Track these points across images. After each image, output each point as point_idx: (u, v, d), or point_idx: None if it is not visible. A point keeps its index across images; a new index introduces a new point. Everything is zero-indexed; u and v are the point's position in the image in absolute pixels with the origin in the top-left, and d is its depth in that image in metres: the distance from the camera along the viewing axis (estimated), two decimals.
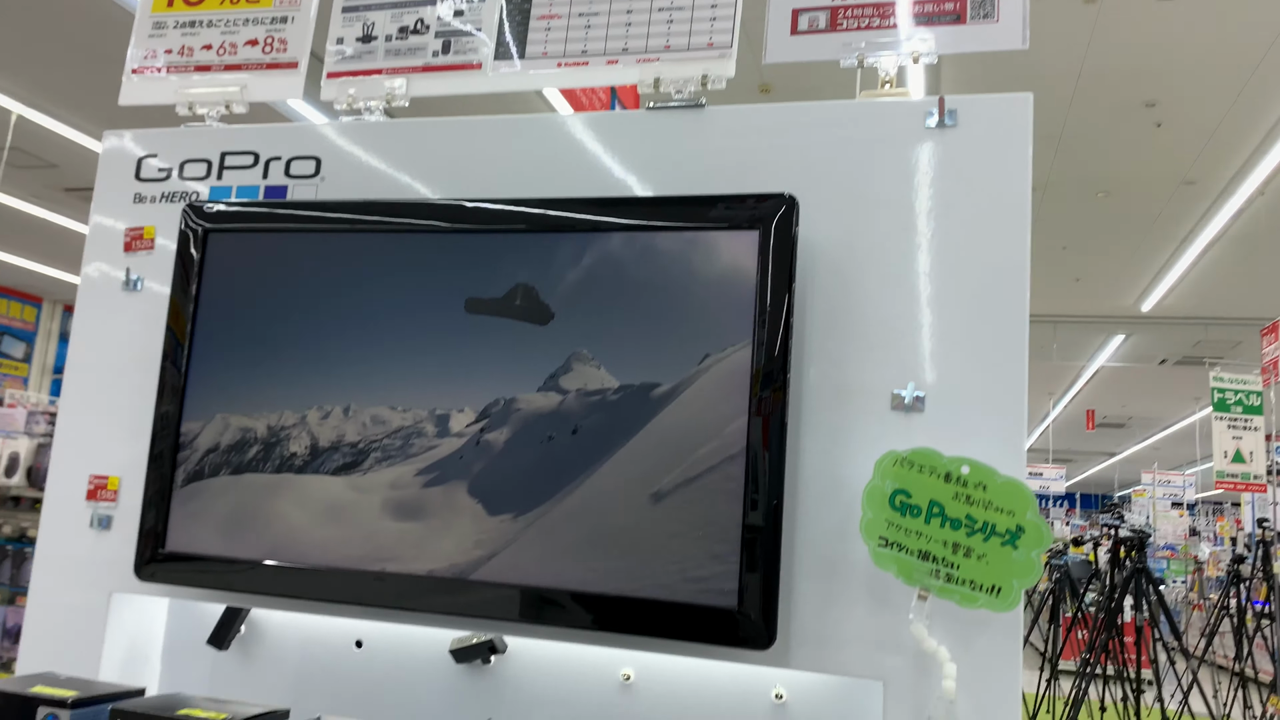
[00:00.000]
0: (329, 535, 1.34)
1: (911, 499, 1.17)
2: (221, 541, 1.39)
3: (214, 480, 1.40)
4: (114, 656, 1.53)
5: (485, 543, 1.28)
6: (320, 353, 1.39)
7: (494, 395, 1.31)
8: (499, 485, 1.29)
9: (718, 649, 1.25)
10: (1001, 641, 1.19)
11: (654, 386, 1.26)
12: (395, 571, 1.33)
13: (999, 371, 1.25)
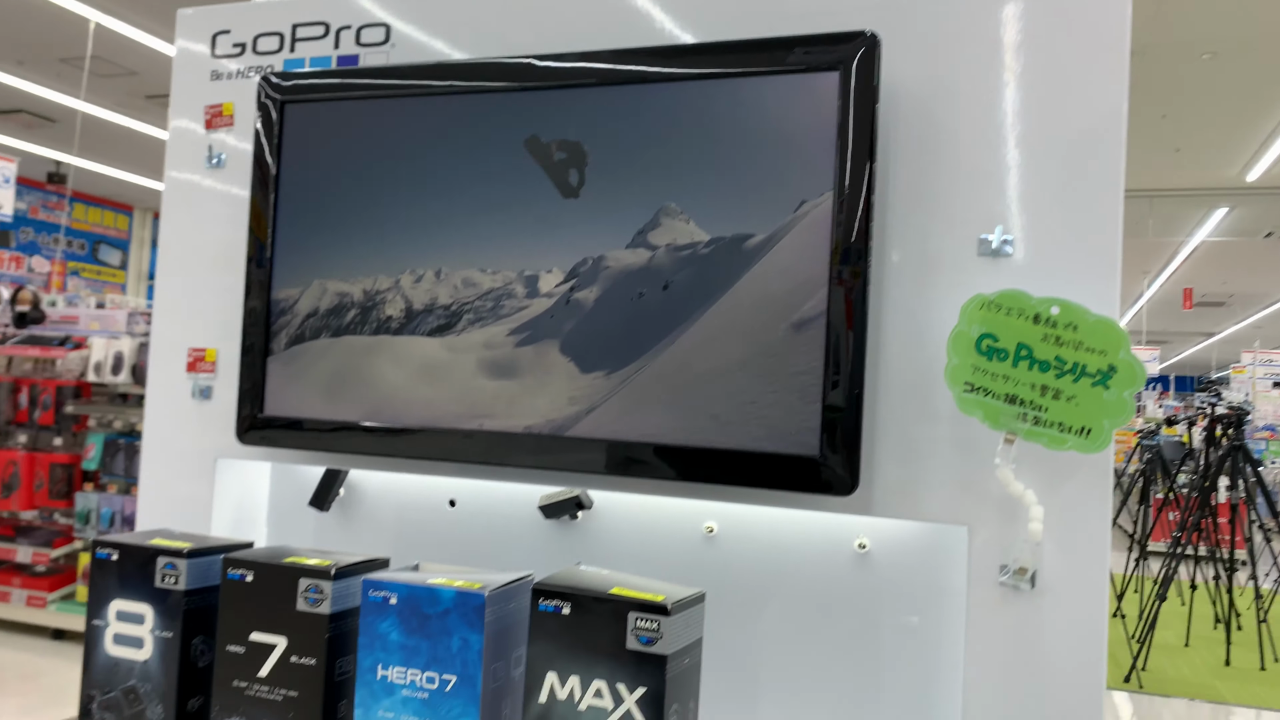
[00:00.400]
0: (425, 394, 1.38)
1: (998, 343, 1.14)
2: (320, 404, 1.44)
3: (314, 343, 1.44)
4: (222, 519, 1.62)
5: (579, 399, 1.30)
6: (408, 217, 1.41)
7: (582, 254, 1.32)
8: (590, 343, 1.31)
9: (802, 497, 1.26)
10: (1090, 484, 1.17)
11: (747, 238, 1.24)
12: (488, 429, 1.36)
13: (1091, 214, 1.20)
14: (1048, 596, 1.18)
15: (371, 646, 1.15)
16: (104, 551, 1.30)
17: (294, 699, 1.19)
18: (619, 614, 1.07)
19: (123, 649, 1.28)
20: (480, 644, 1.11)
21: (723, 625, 1.41)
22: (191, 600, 1.26)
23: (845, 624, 1.36)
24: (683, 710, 1.09)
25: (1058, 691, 1.18)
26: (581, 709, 1.07)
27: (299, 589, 1.20)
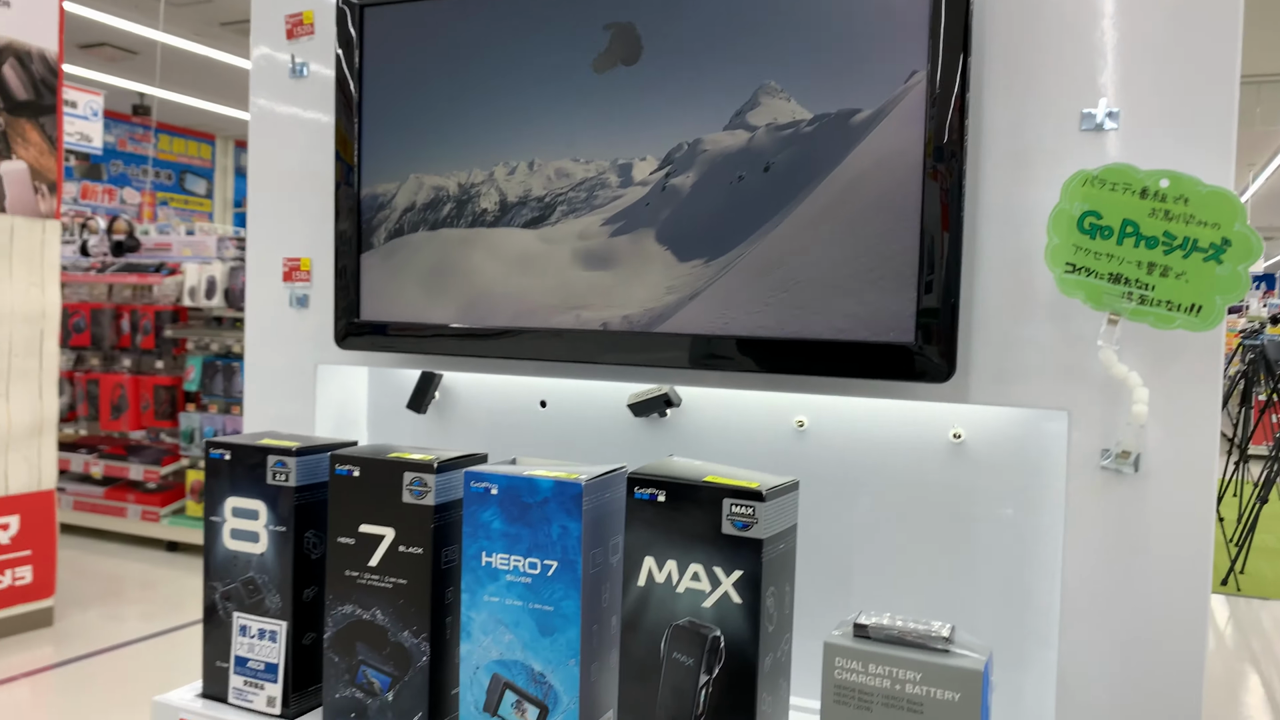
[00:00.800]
0: (520, 286, 1.39)
1: (1102, 220, 1.10)
2: (416, 303, 1.47)
3: (412, 236, 1.46)
4: (325, 423, 1.68)
5: (677, 288, 1.30)
6: (499, 109, 1.40)
7: (676, 140, 1.30)
8: (688, 230, 1.29)
9: (899, 386, 1.25)
10: (1199, 365, 1.13)
11: (853, 113, 1.20)
12: (579, 328, 1.38)
13: (1203, 78, 1.14)
14: (1152, 481, 1.15)
15: (475, 535, 1.19)
16: (217, 452, 1.36)
17: (404, 586, 1.24)
18: (714, 500, 1.08)
19: (240, 543, 1.34)
20: (579, 531, 1.14)
21: (815, 518, 1.42)
22: (302, 496, 1.32)
23: (940, 515, 1.35)
24: (779, 593, 1.11)
25: (1162, 579, 1.16)
26: (679, 591, 1.10)
27: (404, 482, 1.24)
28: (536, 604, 1.16)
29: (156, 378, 6.43)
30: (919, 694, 0.99)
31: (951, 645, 1.01)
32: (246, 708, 1.33)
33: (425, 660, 1.23)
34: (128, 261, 6.64)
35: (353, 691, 1.27)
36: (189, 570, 5.89)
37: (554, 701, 1.16)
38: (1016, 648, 1.31)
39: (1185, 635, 1.15)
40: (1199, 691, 1.16)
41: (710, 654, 1.08)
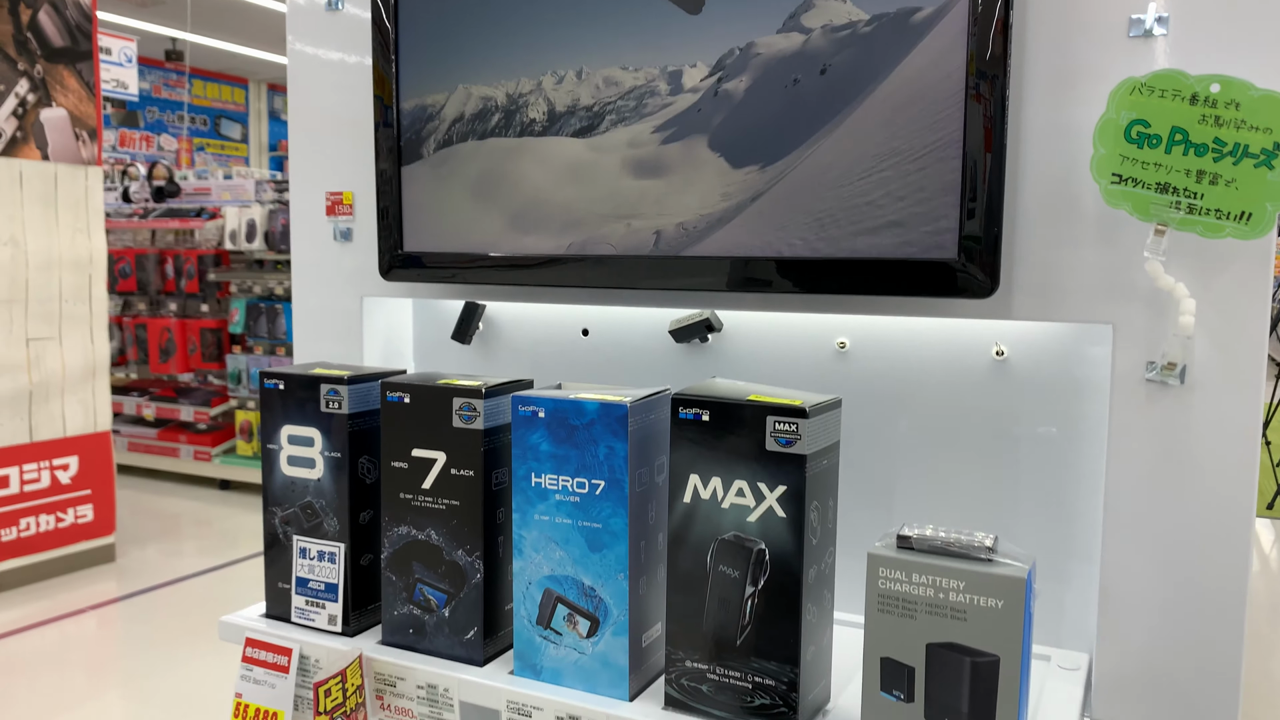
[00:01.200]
0: (571, 195, 1.39)
1: (1150, 128, 1.08)
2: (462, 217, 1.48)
3: (461, 146, 1.46)
4: (372, 355, 1.71)
5: (733, 194, 1.29)
6: (546, 19, 1.38)
7: (728, 45, 1.28)
8: (742, 136, 1.28)
9: (944, 302, 1.25)
10: (1248, 275, 1.12)
11: (914, 12, 1.18)
12: (622, 254, 1.39)
13: None
14: (1198, 393, 1.15)
15: (524, 457, 1.22)
16: (271, 382, 1.39)
17: (456, 507, 1.28)
18: (758, 418, 1.10)
19: (297, 469, 1.39)
20: (625, 451, 1.17)
21: (857, 438, 1.43)
22: (355, 423, 1.36)
23: (982, 432, 1.36)
24: (822, 508, 1.13)
25: (1206, 493, 1.16)
26: (725, 507, 1.12)
27: (454, 408, 1.27)
28: (585, 522, 1.19)
29: (202, 321, 6.55)
30: (962, 602, 1.01)
31: (994, 555, 1.03)
32: (309, 625, 1.39)
33: (479, 577, 1.27)
34: (169, 207, 6.72)
35: (410, 608, 1.32)
36: (242, 507, 6.06)
37: (604, 614, 1.19)
38: (1059, 563, 1.33)
39: (1229, 549, 1.16)
40: (1242, 606, 1.17)
41: (755, 567, 1.11)
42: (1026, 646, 1.01)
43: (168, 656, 3.73)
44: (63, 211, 4.77)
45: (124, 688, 3.45)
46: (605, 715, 1.16)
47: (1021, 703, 1.01)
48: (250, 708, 1.34)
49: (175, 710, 3.25)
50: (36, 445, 4.69)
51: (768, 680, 1.11)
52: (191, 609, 4.31)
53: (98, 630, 4.10)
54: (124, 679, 3.54)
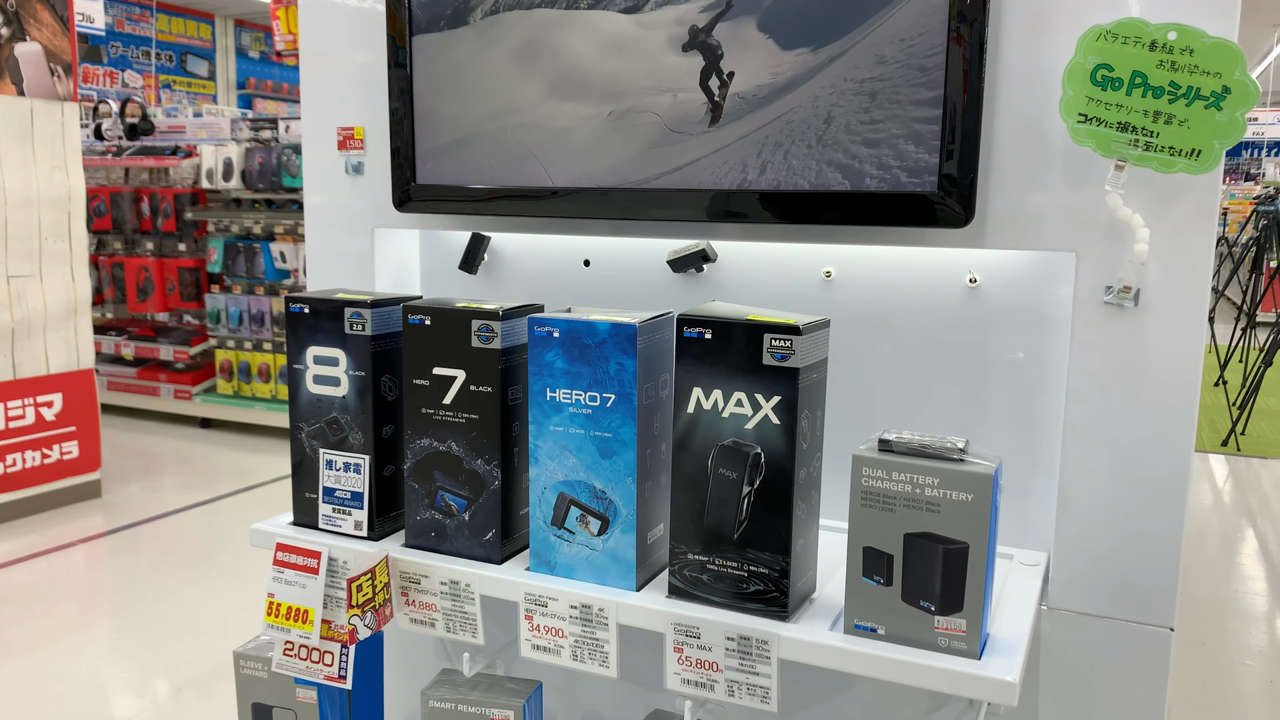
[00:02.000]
0: (615, 68, 1.44)
1: (1113, 72, 1.19)
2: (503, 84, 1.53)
3: (508, 14, 1.49)
4: (382, 283, 1.81)
5: (782, 73, 1.33)
6: None
7: None
8: (792, 18, 1.33)
9: (922, 232, 1.37)
10: (1196, 206, 1.24)
11: None
12: (622, 187, 1.48)
13: None
14: (1149, 313, 1.28)
15: (540, 373, 1.33)
16: (296, 306, 1.49)
17: (475, 420, 1.39)
18: (755, 336, 1.21)
19: (322, 388, 1.49)
20: (634, 367, 1.28)
21: (841, 359, 1.55)
22: (377, 343, 1.46)
23: (957, 354, 1.49)
24: (811, 416, 1.25)
25: (1155, 404, 1.30)
26: (724, 416, 1.24)
27: (472, 329, 1.37)
28: (597, 431, 1.31)
29: (180, 260, 6.55)
30: (937, 496, 1.15)
31: (965, 455, 1.16)
32: (336, 531, 1.50)
33: (497, 484, 1.39)
34: (143, 145, 6.67)
35: (432, 514, 1.43)
36: (223, 445, 6.14)
37: (614, 514, 1.32)
38: (1023, 474, 1.47)
39: (1173, 453, 1.30)
40: (1182, 506, 1.31)
41: (752, 468, 1.23)
42: (992, 536, 1.15)
43: (156, 588, 3.84)
44: (40, 148, 4.76)
45: (114, 618, 3.56)
46: (615, 603, 1.29)
47: (987, 586, 1.15)
48: (283, 606, 1.46)
49: (165, 638, 3.38)
50: (20, 382, 4.73)
51: (761, 569, 1.24)
52: (177, 543, 4.41)
53: (86, 563, 4.20)
54: (113, 610, 3.65)
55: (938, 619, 1.16)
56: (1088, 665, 1.38)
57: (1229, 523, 4.81)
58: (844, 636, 1.20)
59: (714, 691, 1.25)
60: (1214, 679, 3.16)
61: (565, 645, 1.33)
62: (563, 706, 1.79)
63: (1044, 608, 1.39)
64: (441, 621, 1.41)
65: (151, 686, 3.01)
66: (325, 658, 1.44)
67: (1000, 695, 1.11)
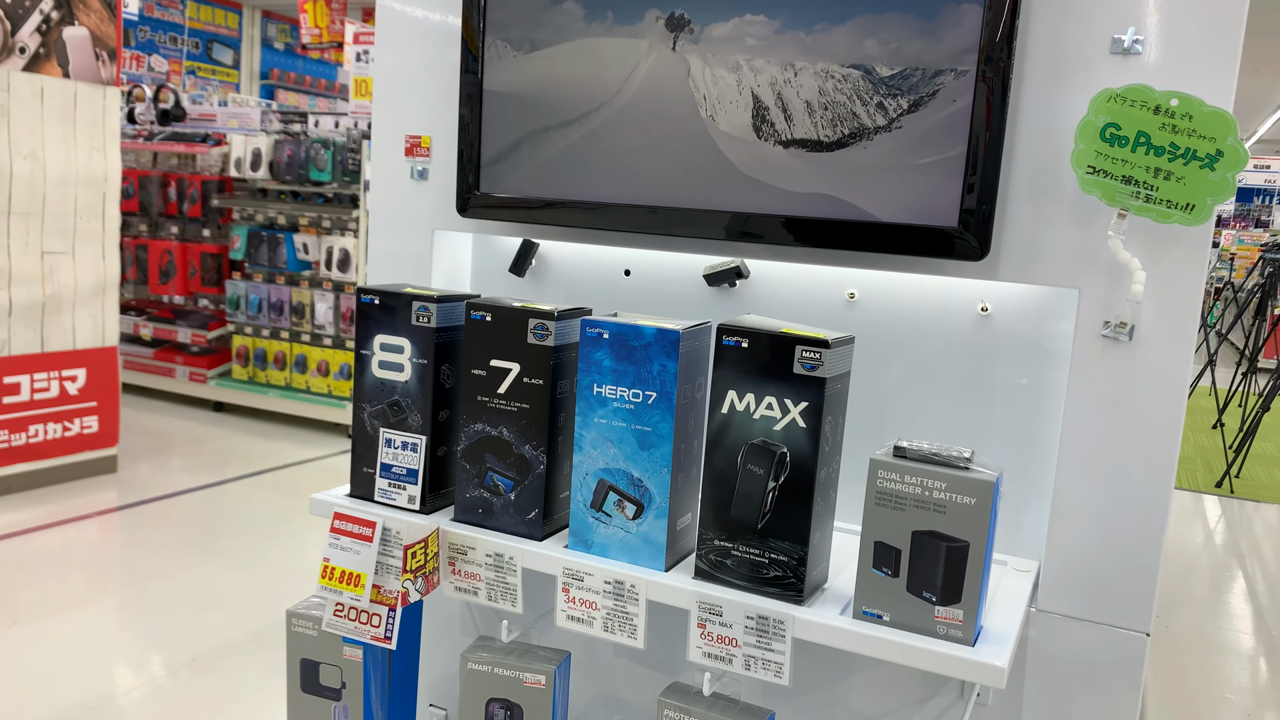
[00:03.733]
0: (664, 94, 1.58)
1: (1121, 131, 1.34)
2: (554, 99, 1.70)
3: (574, 42, 1.63)
4: (438, 281, 1.95)
5: (828, 110, 1.51)
6: None
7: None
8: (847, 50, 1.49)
9: (941, 263, 1.51)
10: (1189, 253, 1.38)
11: None
12: (666, 205, 1.62)
13: (1216, 16, 1.35)
14: (1141, 347, 1.42)
15: (589, 370, 1.47)
16: (367, 297, 1.63)
17: (526, 409, 1.53)
18: (788, 347, 1.35)
19: (386, 372, 1.63)
20: (675, 369, 1.42)
21: (859, 375, 1.69)
22: (440, 336, 1.60)
23: (965, 376, 1.63)
24: (834, 422, 1.40)
25: (1143, 428, 1.44)
26: (755, 417, 1.38)
27: (529, 327, 1.51)
28: (638, 425, 1.45)
29: (203, 245, 6.70)
30: (943, 498, 1.29)
31: (971, 464, 1.30)
32: (390, 504, 1.64)
33: (542, 468, 1.53)
34: (174, 130, 6.82)
35: (481, 492, 1.57)
36: (235, 429, 6.28)
37: (649, 501, 1.46)
38: (1019, 490, 1.60)
39: (1157, 473, 1.44)
40: (1163, 521, 1.45)
41: (778, 466, 1.37)
42: (990, 537, 1.29)
43: (166, 563, 3.98)
44: (81, 129, 4.91)
45: (122, 591, 3.69)
46: (646, 581, 1.43)
47: (983, 582, 1.29)
48: (337, 570, 1.60)
49: (171, 613, 3.51)
50: (47, 355, 4.87)
51: (781, 557, 1.38)
52: (187, 522, 4.54)
53: (99, 536, 4.33)
54: (122, 582, 3.78)
55: (938, 609, 1.30)
56: (1070, 664, 1.51)
57: (1218, 562, 4.94)
58: (853, 621, 1.34)
59: (732, 665, 1.39)
60: (1193, 711, 3.29)
61: (598, 617, 1.47)
62: (583, 681, 1.93)
63: (1033, 610, 1.53)
64: (484, 590, 1.55)
65: (156, 660, 3.14)
66: (373, 619, 1.57)
67: (990, 678, 1.24)
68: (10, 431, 4.74)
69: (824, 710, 1.71)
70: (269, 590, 3.74)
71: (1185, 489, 6.36)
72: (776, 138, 1.53)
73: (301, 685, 1.69)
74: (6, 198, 4.60)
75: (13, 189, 4.62)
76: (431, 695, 2.07)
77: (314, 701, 1.68)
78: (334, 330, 6.23)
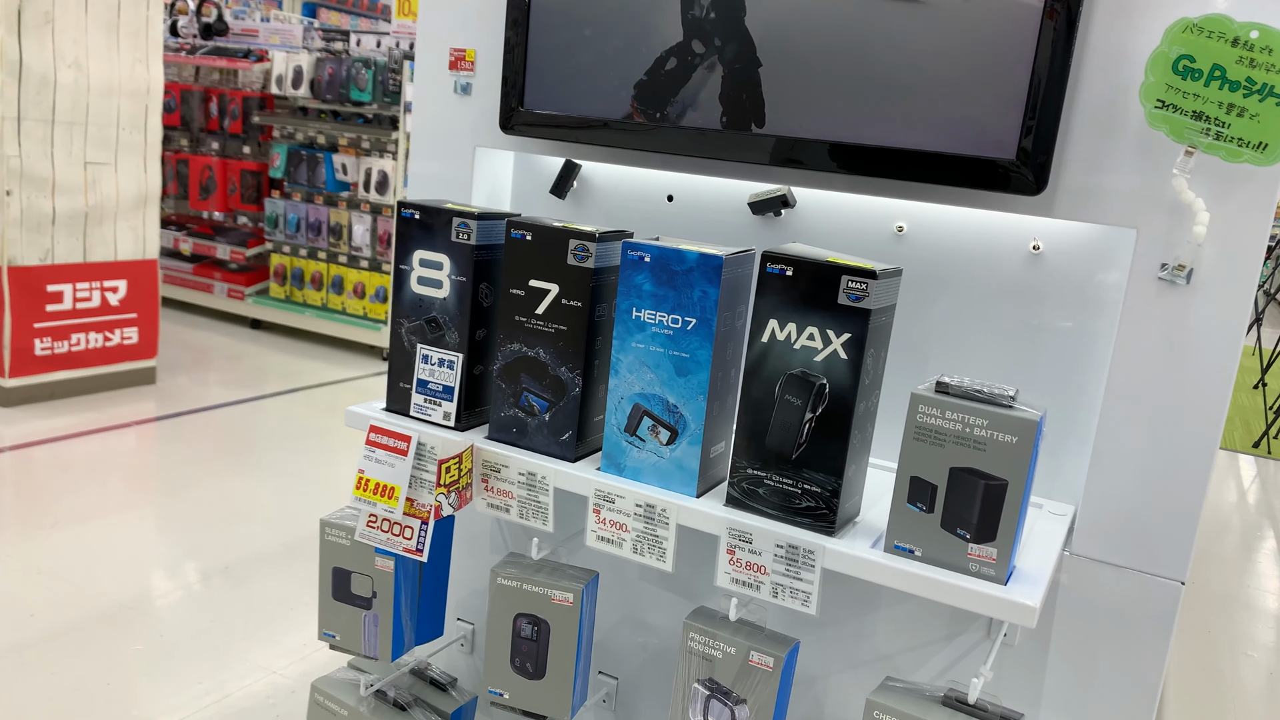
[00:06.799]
0: (712, 14, 1.55)
1: (1195, 63, 1.28)
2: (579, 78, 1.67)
3: None
4: (479, 200, 1.93)
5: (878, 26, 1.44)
6: None
7: None
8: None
9: (995, 196, 1.47)
10: (1256, 197, 1.33)
11: None
12: (708, 127, 1.59)
13: None
14: (1199, 292, 1.38)
15: (629, 294, 1.46)
16: (408, 211, 1.61)
17: (564, 331, 1.51)
18: (833, 277, 1.32)
19: (425, 289, 1.62)
20: (716, 295, 1.40)
21: (904, 309, 1.66)
22: (479, 253, 1.58)
23: (1013, 316, 1.59)
24: (876, 355, 1.37)
25: (1194, 375, 1.40)
26: (796, 348, 1.36)
27: (569, 248, 1.49)
28: (676, 351, 1.44)
29: (243, 162, 6.70)
30: (984, 435, 1.26)
31: (1015, 402, 1.27)
32: (426, 420, 1.64)
33: (578, 391, 1.52)
34: (216, 45, 6.78)
35: (515, 412, 1.57)
36: (271, 346, 6.34)
37: (683, 427, 1.45)
38: (1061, 434, 1.58)
39: (1205, 421, 1.40)
40: (1208, 469, 1.42)
41: (816, 397, 1.35)
42: (1029, 478, 1.27)
43: (200, 474, 4.05)
44: (124, 39, 4.89)
45: (158, 499, 3.77)
46: (677, 505, 1.43)
47: (1019, 522, 1.27)
48: (371, 482, 1.61)
49: (205, 523, 3.58)
50: (89, 265, 4.92)
51: (814, 488, 1.37)
52: (223, 434, 4.62)
53: (137, 445, 4.41)
54: (159, 491, 3.86)
55: (971, 546, 1.29)
56: (1101, 610, 1.50)
57: (1250, 522, 4.89)
58: (884, 554, 1.33)
59: (759, 592, 1.39)
60: (1215, 666, 3.28)
61: (627, 539, 1.47)
62: (611, 602, 1.95)
63: (1067, 554, 1.52)
64: (516, 508, 1.56)
65: (191, 566, 3.22)
66: (405, 532, 1.59)
67: (1021, 617, 1.24)
68: (54, 339, 4.82)
69: (848, 643, 1.71)
70: (302, 504, 3.81)
71: (1222, 448, 6.28)
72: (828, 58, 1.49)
73: (333, 593, 1.72)
74: (51, 107, 4.61)
75: (57, 98, 4.63)
76: (460, 610, 2.10)
77: (345, 609, 1.71)
78: (370, 253, 6.24)
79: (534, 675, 1.63)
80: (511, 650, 1.63)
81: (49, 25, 4.54)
